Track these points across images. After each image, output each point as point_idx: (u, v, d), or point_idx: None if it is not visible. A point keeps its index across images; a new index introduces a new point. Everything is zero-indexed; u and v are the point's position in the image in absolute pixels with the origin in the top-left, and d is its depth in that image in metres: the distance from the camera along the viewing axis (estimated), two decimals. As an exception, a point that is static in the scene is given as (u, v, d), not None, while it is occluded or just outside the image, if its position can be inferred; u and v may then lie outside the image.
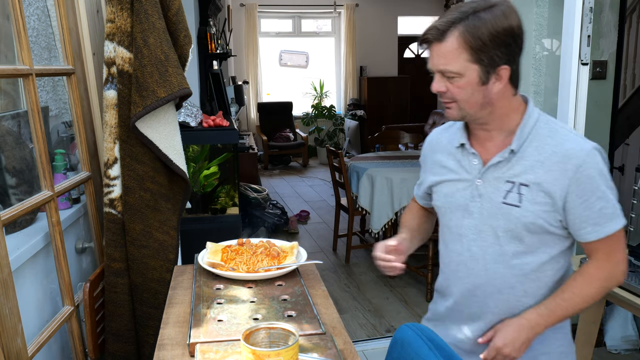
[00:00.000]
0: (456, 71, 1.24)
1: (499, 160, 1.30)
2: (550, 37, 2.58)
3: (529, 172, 1.28)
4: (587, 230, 1.26)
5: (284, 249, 1.43)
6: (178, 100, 1.90)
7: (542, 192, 1.27)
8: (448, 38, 1.23)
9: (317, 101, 8.73)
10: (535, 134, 1.30)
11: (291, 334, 0.94)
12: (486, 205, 1.32)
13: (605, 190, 1.26)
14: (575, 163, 1.24)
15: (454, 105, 1.31)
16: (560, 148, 1.27)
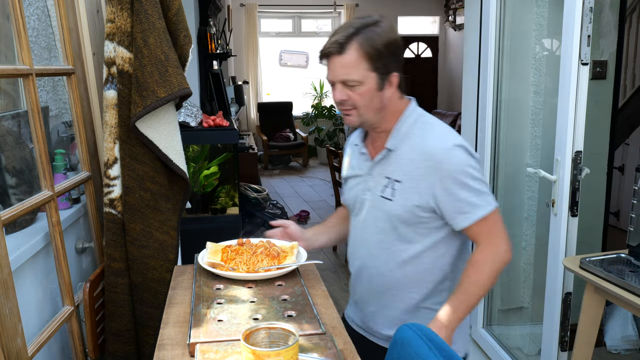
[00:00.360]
0: (357, 79, 1.37)
1: (380, 158, 1.47)
2: (550, 37, 2.58)
3: (401, 169, 1.43)
4: (458, 218, 1.39)
5: (284, 249, 1.43)
6: (178, 100, 1.90)
7: (411, 188, 1.41)
8: (348, 50, 1.37)
9: (317, 101, 8.73)
10: (411, 134, 1.44)
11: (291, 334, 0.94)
12: (371, 198, 1.49)
13: (467, 181, 1.38)
14: (436, 160, 1.38)
15: (354, 112, 1.42)
16: (425, 146, 1.41)
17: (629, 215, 1.82)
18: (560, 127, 2.01)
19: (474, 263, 1.40)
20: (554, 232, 2.08)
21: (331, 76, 1.41)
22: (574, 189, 2.00)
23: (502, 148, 2.71)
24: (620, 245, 1.99)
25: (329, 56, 1.40)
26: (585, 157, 1.99)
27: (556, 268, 2.07)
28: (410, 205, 1.41)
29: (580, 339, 1.89)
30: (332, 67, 1.39)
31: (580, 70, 1.92)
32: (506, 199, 2.76)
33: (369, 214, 1.49)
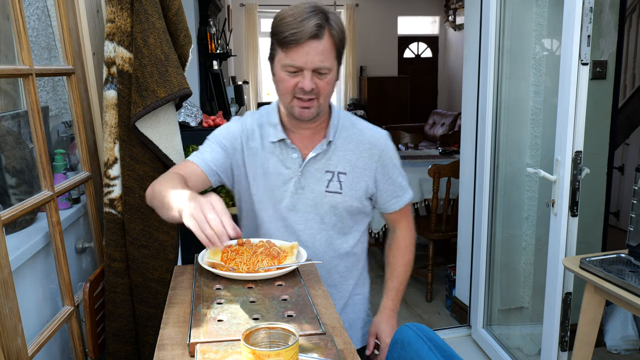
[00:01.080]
0: (329, 67, 1.33)
1: (318, 153, 1.44)
2: (550, 37, 2.58)
3: (344, 161, 1.45)
4: (392, 202, 1.52)
5: (284, 249, 1.43)
6: (178, 100, 1.90)
7: (358, 177, 1.46)
8: (325, 35, 1.31)
9: (317, 101, 8.72)
10: (341, 126, 1.47)
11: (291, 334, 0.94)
12: (310, 196, 1.45)
13: (400, 167, 1.53)
14: (380, 148, 1.47)
15: (315, 103, 1.37)
16: (364, 137, 1.47)
17: (629, 215, 1.82)
18: (560, 127, 2.01)
19: (403, 248, 1.57)
20: (554, 232, 2.08)
21: (304, 62, 1.30)
22: (574, 189, 2.00)
23: (502, 148, 2.71)
24: (620, 245, 1.99)
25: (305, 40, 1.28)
26: (585, 157, 1.99)
27: (556, 268, 2.07)
28: (360, 194, 1.47)
29: (580, 339, 1.89)
30: (308, 52, 1.29)
31: (580, 70, 1.92)
32: (506, 199, 2.76)
33: (309, 212, 1.46)
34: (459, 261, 3.19)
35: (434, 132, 7.77)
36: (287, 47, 1.31)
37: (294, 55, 1.31)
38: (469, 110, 2.95)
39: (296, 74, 1.33)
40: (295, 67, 1.32)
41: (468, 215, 3.02)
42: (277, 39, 1.33)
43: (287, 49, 1.31)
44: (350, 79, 8.71)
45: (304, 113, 1.38)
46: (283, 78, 1.35)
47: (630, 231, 1.82)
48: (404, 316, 3.29)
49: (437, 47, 9.20)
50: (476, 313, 2.87)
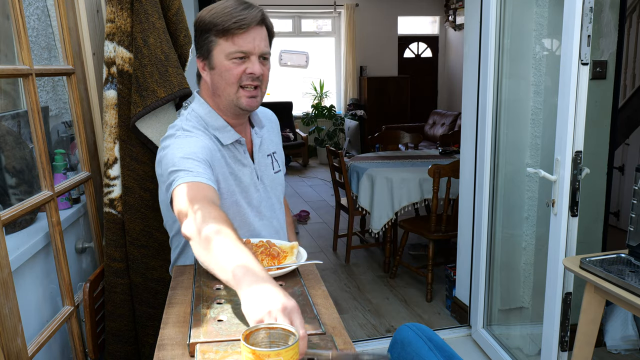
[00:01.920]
0: (269, 53, 1.41)
1: (258, 142, 1.54)
2: (550, 37, 2.57)
3: (269, 142, 1.60)
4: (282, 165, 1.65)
5: (284, 249, 1.43)
6: (178, 100, 1.90)
7: (280, 152, 1.64)
8: (264, 24, 1.38)
9: (317, 101, 8.72)
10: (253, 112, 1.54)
11: (291, 334, 0.94)
12: (267, 183, 1.56)
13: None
14: (276, 123, 1.67)
15: (258, 91, 1.42)
16: (268, 116, 1.64)
17: (629, 215, 1.81)
18: (560, 127, 2.01)
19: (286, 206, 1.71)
20: (554, 232, 2.08)
21: (252, 47, 1.36)
22: (574, 189, 2.00)
23: (502, 148, 2.71)
24: (620, 245, 1.99)
25: (248, 26, 1.34)
26: (585, 157, 1.99)
27: (556, 268, 2.07)
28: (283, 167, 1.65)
29: (580, 339, 1.89)
30: (254, 38, 1.36)
31: (580, 70, 1.92)
32: (506, 199, 2.76)
33: (270, 198, 1.56)
34: (459, 261, 3.19)
35: (434, 132, 7.77)
36: (232, 34, 1.34)
37: (241, 41, 1.34)
38: (469, 110, 2.95)
39: (243, 60, 1.36)
40: (243, 52, 1.35)
41: (468, 215, 3.02)
42: (218, 29, 1.35)
43: (233, 35, 1.34)
44: (350, 79, 8.71)
45: (251, 102, 1.41)
46: (229, 67, 1.36)
47: (630, 231, 1.82)
48: (404, 316, 3.29)
49: (437, 47, 9.20)
50: (476, 313, 2.87)
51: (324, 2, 8.41)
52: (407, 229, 3.65)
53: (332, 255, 4.36)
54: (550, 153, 2.17)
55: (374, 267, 4.06)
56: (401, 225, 3.72)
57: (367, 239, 4.46)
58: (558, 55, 2.14)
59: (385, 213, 3.68)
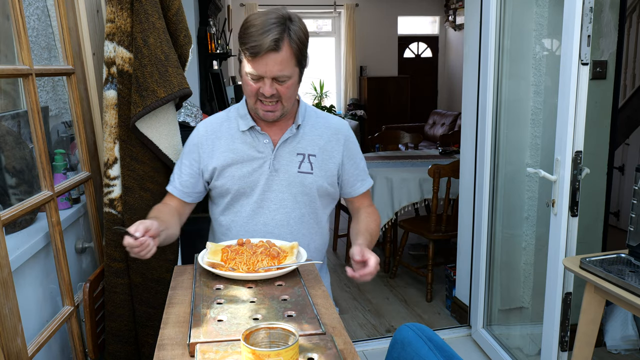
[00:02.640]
0: (288, 75, 1.47)
1: (288, 137, 1.58)
2: (550, 37, 2.57)
3: (313, 144, 1.60)
4: (357, 185, 1.68)
5: (284, 249, 1.43)
6: (178, 100, 1.90)
7: (327, 159, 1.61)
8: (283, 47, 1.43)
9: (317, 101, 8.72)
10: (308, 115, 1.63)
11: (291, 334, 0.94)
12: (283, 177, 1.58)
13: (361, 154, 1.71)
14: (344, 134, 1.65)
15: (278, 106, 1.51)
16: (330, 123, 1.65)
17: (629, 215, 1.82)
18: (560, 127, 2.01)
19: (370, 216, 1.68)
20: (554, 232, 2.08)
21: (263, 72, 1.44)
22: (574, 189, 2.00)
23: (502, 148, 2.71)
24: (620, 245, 1.99)
25: (263, 52, 1.42)
26: (585, 157, 1.99)
27: (556, 268, 2.07)
28: (329, 174, 1.62)
29: (580, 339, 1.89)
30: (267, 63, 1.43)
31: (580, 70, 1.92)
32: (506, 199, 2.76)
33: (283, 192, 1.58)
34: (459, 261, 3.19)
35: (434, 132, 7.77)
36: (248, 57, 1.45)
37: (255, 65, 1.44)
38: (469, 110, 2.95)
39: (258, 81, 1.47)
40: (255, 75, 1.46)
41: (468, 215, 3.02)
42: (241, 47, 1.47)
43: (249, 59, 1.45)
44: (350, 79, 8.71)
45: (267, 115, 1.54)
46: (247, 82, 1.50)
47: (630, 231, 1.82)
48: (404, 316, 3.29)
49: (437, 47, 9.20)
50: (476, 313, 2.87)
51: (324, 2, 8.41)
52: (407, 229, 3.65)
53: (332, 255, 4.36)
54: (550, 153, 2.17)
55: (374, 267, 4.05)
56: (401, 225, 3.72)
57: (367, 239, 4.45)
58: (558, 55, 2.14)
59: (385, 213, 3.68)
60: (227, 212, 1.65)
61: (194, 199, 1.67)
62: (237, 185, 1.59)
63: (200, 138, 1.64)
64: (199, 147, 1.63)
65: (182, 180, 1.64)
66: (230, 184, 1.60)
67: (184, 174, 1.65)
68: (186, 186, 1.64)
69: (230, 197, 1.62)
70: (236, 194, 1.61)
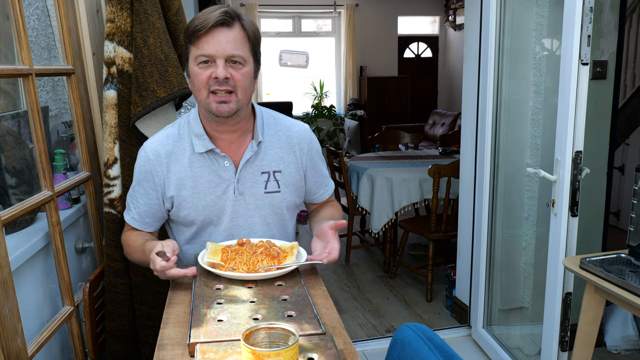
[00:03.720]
0: (243, 57, 1.33)
1: (250, 156, 1.45)
2: (550, 37, 2.57)
3: (277, 159, 1.48)
4: (321, 192, 1.61)
5: (284, 249, 1.43)
6: (178, 100, 1.90)
7: (292, 173, 1.50)
8: (236, 25, 1.32)
9: (317, 101, 8.72)
10: (266, 126, 1.50)
11: (291, 334, 0.94)
12: (250, 200, 1.47)
13: (322, 156, 1.61)
14: (307, 141, 1.53)
15: (233, 97, 1.35)
16: (292, 132, 1.52)
17: (629, 215, 1.81)
18: (560, 127, 2.01)
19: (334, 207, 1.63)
20: (554, 232, 2.08)
21: (215, 50, 1.30)
22: (574, 189, 2.00)
23: (502, 148, 2.71)
24: (620, 245, 1.99)
25: (213, 28, 1.29)
26: (585, 157, 1.99)
27: (556, 268, 2.07)
28: (297, 187, 1.53)
29: (580, 339, 1.89)
30: (219, 40, 1.30)
31: (580, 70, 1.92)
32: (506, 199, 2.76)
33: (252, 217, 1.48)
34: (459, 261, 3.19)
35: (434, 132, 7.77)
36: (196, 37, 1.31)
37: (204, 44, 1.31)
38: (469, 110, 2.95)
39: (208, 64, 1.32)
40: (205, 55, 1.31)
41: (468, 215, 3.02)
42: (187, 35, 1.34)
43: (197, 39, 1.31)
44: (350, 79, 8.71)
45: (221, 108, 1.35)
46: (196, 72, 1.34)
47: (631, 231, 1.82)
48: (404, 316, 3.29)
49: (437, 47, 9.20)
50: (476, 313, 2.87)
51: (324, 2, 8.41)
52: (407, 229, 3.65)
53: (332, 255, 4.35)
54: (550, 153, 2.17)
55: (374, 267, 4.05)
56: (401, 225, 3.72)
57: (367, 239, 4.46)
58: (558, 55, 2.14)
59: (385, 213, 3.68)
60: (194, 242, 1.53)
61: (156, 227, 1.54)
62: (202, 215, 1.46)
63: (152, 164, 1.45)
64: (153, 175, 1.46)
65: (140, 210, 1.49)
66: (194, 215, 1.46)
67: (141, 204, 1.49)
68: (146, 216, 1.50)
69: (196, 227, 1.49)
70: (202, 224, 1.49)
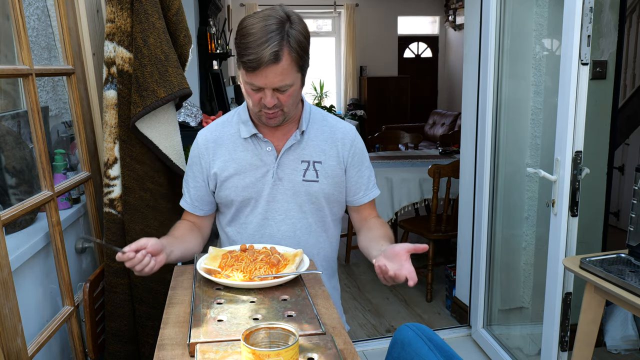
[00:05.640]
0: (290, 84, 1.40)
1: (292, 144, 1.52)
2: (550, 37, 2.58)
3: (318, 150, 1.54)
4: (360, 194, 1.60)
5: (287, 257, 1.40)
6: (178, 100, 1.90)
7: (332, 166, 1.54)
8: (283, 57, 1.35)
9: (317, 101, 8.73)
10: (313, 119, 1.56)
11: (291, 334, 0.94)
12: (288, 186, 1.53)
13: (369, 161, 1.62)
14: (351, 139, 1.57)
15: (279, 113, 1.45)
16: (336, 128, 1.57)
17: (629, 215, 1.82)
18: (560, 127, 2.01)
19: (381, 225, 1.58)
20: (554, 232, 2.08)
21: (264, 83, 1.38)
22: (574, 189, 2.00)
23: (502, 148, 2.71)
24: (620, 245, 1.99)
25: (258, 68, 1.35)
26: (585, 157, 1.99)
27: (556, 268, 2.07)
28: (336, 181, 1.55)
29: (580, 339, 1.89)
30: (267, 75, 1.36)
31: (580, 70, 1.92)
32: (506, 199, 2.76)
33: (288, 202, 1.53)
34: (459, 261, 3.19)
35: (434, 132, 7.77)
36: (246, 69, 1.38)
37: (254, 78, 1.38)
38: (469, 110, 2.95)
39: (258, 91, 1.41)
40: (255, 86, 1.40)
41: (468, 215, 3.02)
42: (238, 58, 1.40)
43: (247, 71, 1.38)
44: (350, 79, 8.71)
45: (271, 122, 1.47)
46: (248, 92, 1.43)
47: (630, 231, 1.82)
48: (404, 316, 3.29)
49: (437, 47, 9.20)
50: (476, 313, 2.87)
51: (324, 2, 8.41)
52: (407, 229, 3.65)
53: (332, 255, 4.36)
54: (550, 153, 2.17)
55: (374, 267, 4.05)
56: (401, 225, 3.72)
57: (367, 239, 4.45)
58: (558, 55, 2.15)
59: (385, 213, 3.68)
60: (233, 224, 1.61)
61: (206, 211, 1.63)
62: (241, 196, 1.54)
63: (200, 149, 1.58)
64: (200, 159, 1.58)
65: (191, 194, 1.61)
66: (233, 194, 1.55)
67: (191, 187, 1.61)
68: (196, 199, 1.61)
69: (235, 208, 1.57)
70: (240, 205, 1.56)
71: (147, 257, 1.35)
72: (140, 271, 1.35)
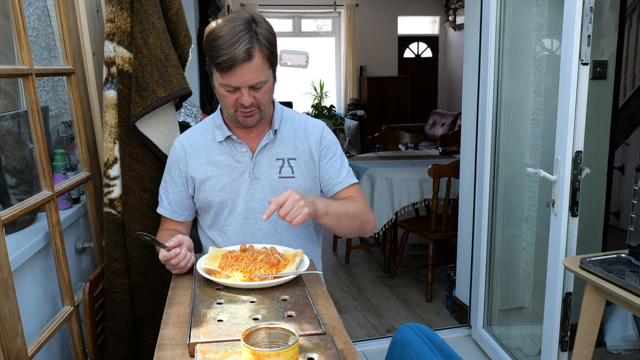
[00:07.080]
0: (264, 80, 1.45)
1: (266, 143, 1.57)
2: (550, 37, 2.57)
3: (291, 147, 1.59)
4: (333, 182, 1.62)
5: (287, 257, 1.40)
6: (178, 100, 1.90)
7: (306, 161, 1.59)
8: (255, 54, 1.40)
9: (317, 101, 8.72)
10: (285, 119, 1.62)
11: (291, 334, 0.94)
12: (265, 184, 1.57)
13: (342, 152, 1.67)
14: (319, 132, 1.62)
15: (256, 111, 1.50)
16: (307, 124, 1.63)
17: (629, 215, 1.82)
18: (560, 127, 2.01)
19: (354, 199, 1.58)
20: (554, 232, 2.08)
21: (240, 82, 1.42)
22: (574, 189, 2.00)
23: (502, 148, 2.71)
24: (620, 245, 1.99)
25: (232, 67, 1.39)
26: (585, 157, 1.99)
27: (556, 268, 2.07)
28: (311, 176, 1.60)
29: (580, 339, 1.89)
30: (242, 74, 1.41)
31: (580, 70, 1.92)
32: (506, 199, 2.76)
33: (266, 201, 1.54)
34: (459, 261, 3.19)
35: (434, 132, 7.77)
36: (221, 70, 1.41)
37: (229, 77, 1.42)
38: (469, 110, 2.95)
39: (234, 92, 1.45)
40: (231, 86, 1.43)
41: (468, 215, 3.02)
42: (211, 61, 1.43)
43: (222, 72, 1.41)
44: (350, 79, 8.71)
45: (247, 121, 1.52)
46: (223, 94, 1.47)
47: (631, 231, 1.82)
48: (404, 316, 3.29)
49: (437, 47, 9.20)
50: (476, 313, 2.87)
51: (324, 2, 8.41)
52: (407, 229, 3.65)
53: (332, 255, 4.36)
54: (550, 153, 2.17)
55: (374, 267, 4.05)
56: (401, 225, 3.72)
57: (367, 239, 4.45)
58: (558, 55, 2.14)
59: (385, 213, 3.68)
60: (214, 227, 1.63)
61: (185, 217, 1.66)
62: (219, 197, 1.58)
63: (178, 154, 1.62)
64: (178, 163, 1.62)
65: (171, 199, 1.64)
66: (211, 197, 1.58)
67: (171, 193, 1.64)
68: (175, 205, 1.63)
69: (214, 210, 1.60)
70: (219, 207, 1.59)
71: (188, 253, 1.41)
72: (183, 267, 1.40)
